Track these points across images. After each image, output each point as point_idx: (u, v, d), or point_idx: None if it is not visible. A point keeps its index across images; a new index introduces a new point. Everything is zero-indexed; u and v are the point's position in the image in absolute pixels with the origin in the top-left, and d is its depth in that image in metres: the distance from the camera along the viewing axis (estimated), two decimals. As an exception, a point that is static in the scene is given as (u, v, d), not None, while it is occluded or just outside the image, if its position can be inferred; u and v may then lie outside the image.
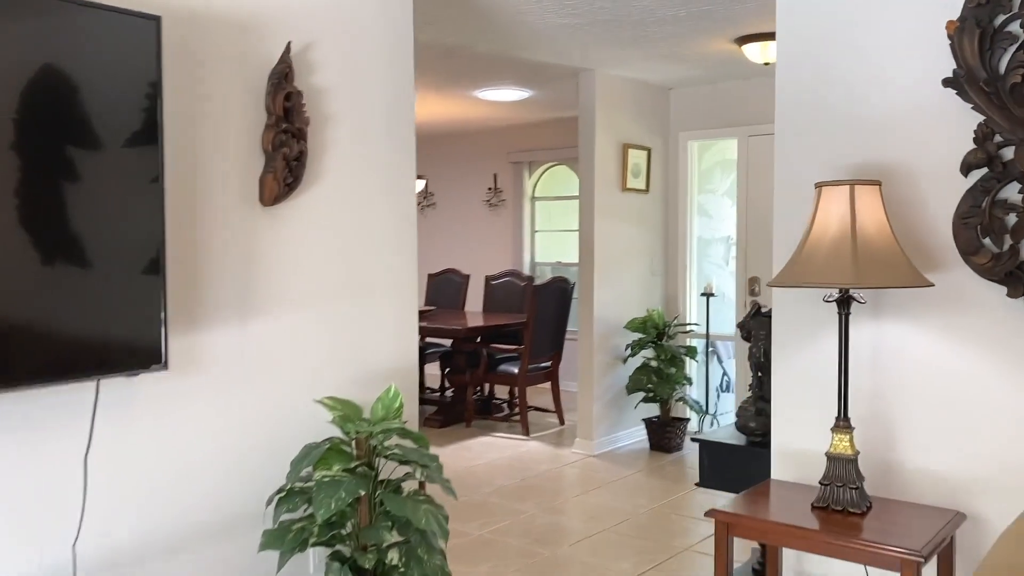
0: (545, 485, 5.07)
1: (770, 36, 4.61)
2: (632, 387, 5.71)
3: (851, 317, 2.45)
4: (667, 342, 5.78)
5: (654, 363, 5.82)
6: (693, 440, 3.40)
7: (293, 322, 2.84)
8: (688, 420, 5.93)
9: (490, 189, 8.61)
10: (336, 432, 2.69)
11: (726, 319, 6.37)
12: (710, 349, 6.27)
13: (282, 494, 2.56)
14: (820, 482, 2.39)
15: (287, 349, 2.82)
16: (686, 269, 6.28)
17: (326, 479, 2.47)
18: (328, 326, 2.96)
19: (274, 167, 2.74)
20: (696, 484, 3.42)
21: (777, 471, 2.78)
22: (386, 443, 2.68)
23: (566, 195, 8.34)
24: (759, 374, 3.46)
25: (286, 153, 2.75)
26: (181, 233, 2.52)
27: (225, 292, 2.65)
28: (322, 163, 2.93)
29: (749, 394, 3.52)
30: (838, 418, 2.35)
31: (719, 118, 6.08)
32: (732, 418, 6.54)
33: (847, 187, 2.32)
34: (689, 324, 5.90)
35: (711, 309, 6.11)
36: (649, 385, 5.66)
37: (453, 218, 8.96)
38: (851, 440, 2.31)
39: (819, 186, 2.39)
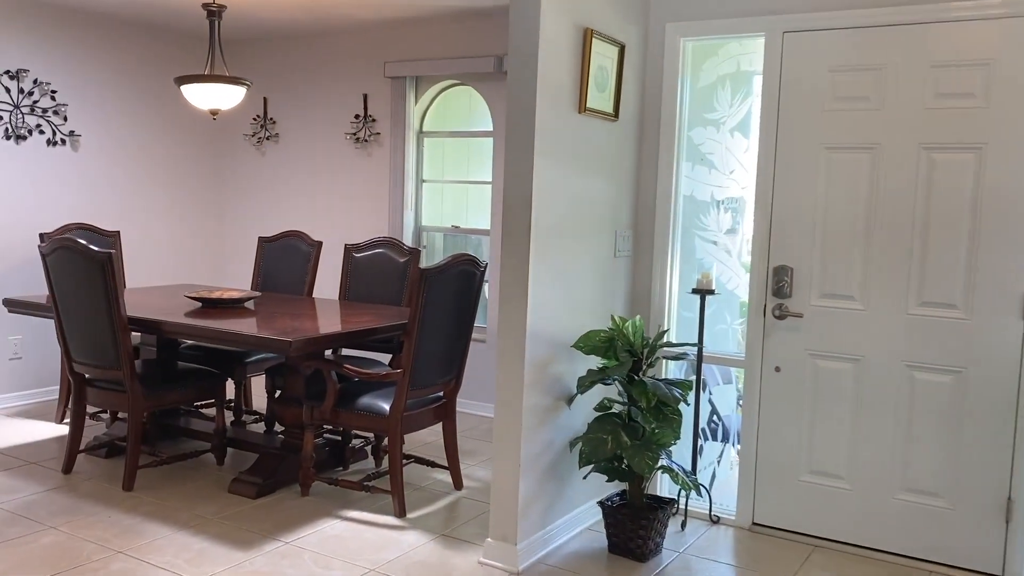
0: (434, 668, 2.61)
1: None
2: (588, 456, 3.28)
3: None
4: (646, 374, 3.38)
5: (619, 407, 3.44)
6: None
7: None
8: (676, 502, 3.57)
9: (358, 117, 5.97)
10: None
11: (728, 331, 4.03)
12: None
13: None
14: None
15: None
16: (668, 249, 3.89)
17: None
18: None
19: None
20: None
21: None
22: None
23: (472, 130, 5.79)
24: None
25: None
26: None
27: None
28: None
29: None
30: None
31: (732, 3, 3.67)
32: (709, 477, 4.22)
33: None
34: (684, 344, 3.50)
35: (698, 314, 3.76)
36: (619, 452, 3.25)
37: (303, 158, 6.27)
38: None
39: None
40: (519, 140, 3.19)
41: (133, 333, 4.04)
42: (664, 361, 3.88)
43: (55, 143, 5.55)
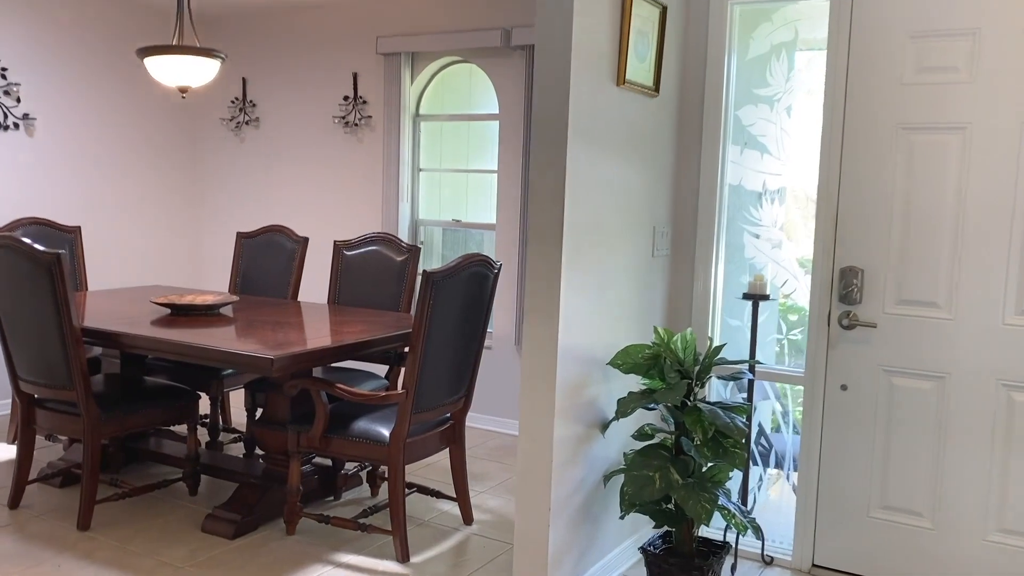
0: None
1: None
2: (632, 498, 2.74)
3: None
4: (698, 398, 2.84)
5: (663, 434, 2.90)
6: None
7: None
8: (729, 547, 3.03)
9: (347, 98, 5.39)
10: None
11: (785, 342, 3.50)
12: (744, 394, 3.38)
13: None
14: None
15: None
16: (712, 247, 3.35)
17: None
18: None
19: None
20: None
21: None
22: None
23: (475, 113, 5.23)
24: None
25: None
26: None
27: None
28: None
29: None
30: None
31: (790, -41, 3.13)
32: (760, 513, 3.45)
33: None
34: (741, 362, 2.96)
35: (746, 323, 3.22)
36: (668, 494, 2.71)
37: (287, 144, 5.69)
38: None
39: None
40: (550, 120, 2.63)
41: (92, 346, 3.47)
42: (711, 379, 3.35)
43: (7, 127, 4.94)
